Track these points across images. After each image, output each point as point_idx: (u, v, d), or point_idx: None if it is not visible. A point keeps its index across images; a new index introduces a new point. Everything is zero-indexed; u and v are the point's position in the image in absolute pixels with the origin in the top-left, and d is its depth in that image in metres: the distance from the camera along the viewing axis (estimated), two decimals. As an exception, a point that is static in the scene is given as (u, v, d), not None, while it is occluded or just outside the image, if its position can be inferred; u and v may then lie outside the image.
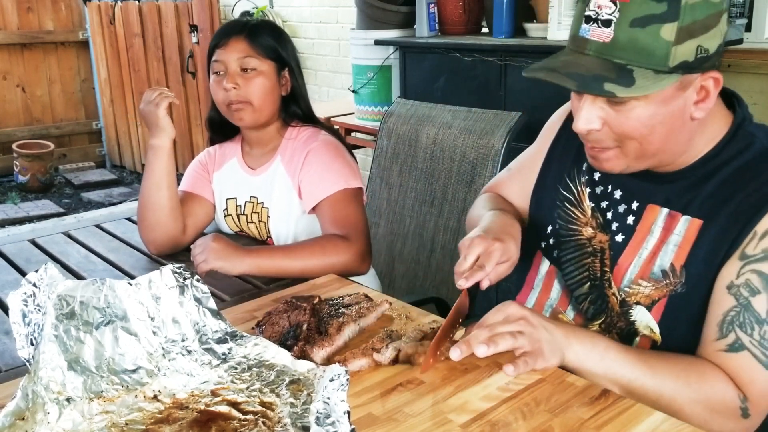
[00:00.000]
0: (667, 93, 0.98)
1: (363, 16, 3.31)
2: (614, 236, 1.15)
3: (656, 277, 1.09)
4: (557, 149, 1.29)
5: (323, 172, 1.63)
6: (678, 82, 0.98)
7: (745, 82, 2.78)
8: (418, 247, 2.11)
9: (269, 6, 4.82)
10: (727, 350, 0.99)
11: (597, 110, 1.02)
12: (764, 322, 0.97)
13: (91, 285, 0.97)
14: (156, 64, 5.56)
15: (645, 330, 1.11)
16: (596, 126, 1.03)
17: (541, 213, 1.29)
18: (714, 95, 1.01)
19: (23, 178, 5.67)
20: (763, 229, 0.99)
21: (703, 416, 0.98)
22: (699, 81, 0.99)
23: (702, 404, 0.98)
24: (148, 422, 0.90)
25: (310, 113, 1.75)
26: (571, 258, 1.21)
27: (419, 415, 0.91)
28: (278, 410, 0.89)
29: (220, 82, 1.63)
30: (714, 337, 1.01)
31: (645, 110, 0.99)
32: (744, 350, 0.98)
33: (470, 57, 2.81)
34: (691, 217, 1.06)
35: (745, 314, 0.98)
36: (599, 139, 1.05)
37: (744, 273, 0.99)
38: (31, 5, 5.98)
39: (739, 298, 0.99)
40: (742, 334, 0.98)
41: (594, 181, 1.21)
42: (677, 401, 0.98)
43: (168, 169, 1.61)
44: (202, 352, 1.00)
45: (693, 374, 0.99)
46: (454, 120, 2.08)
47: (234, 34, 1.62)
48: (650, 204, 1.12)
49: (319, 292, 1.30)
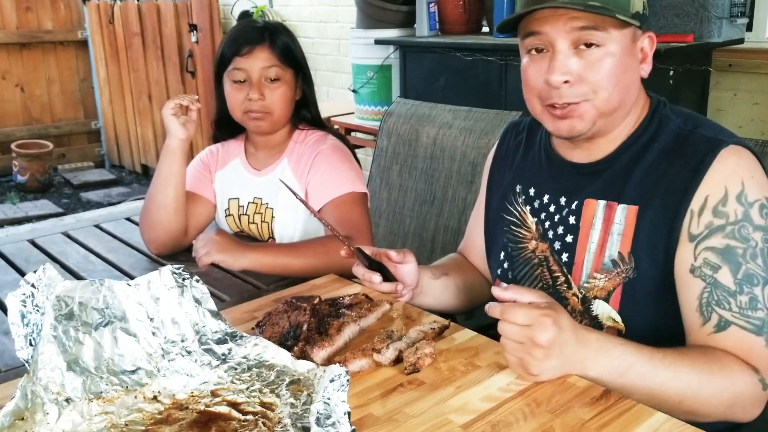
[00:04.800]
0: (626, 43, 1.08)
1: (363, 16, 3.31)
2: (558, 240, 1.19)
3: (608, 268, 1.13)
4: (493, 182, 1.37)
5: (331, 174, 1.63)
6: (632, 34, 1.08)
7: (745, 81, 2.78)
8: (418, 247, 2.11)
9: (269, 5, 4.82)
10: (715, 332, 1.02)
11: (570, 62, 1.07)
12: (735, 292, 1.01)
13: (90, 286, 0.97)
14: (155, 63, 5.55)
15: (608, 321, 1.14)
16: (571, 78, 1.07)
17: (494, 243, 1.34)
18: (651, 55, 1.12)
19: (22, 178, 5.66)
20: (698, 206, 1.04)
21: (727, 404, 0.98)
22: (641, 40, 1.11)
23: (726, 393, 0.98)
24: (148, 423, 0.90)
25: (318, 117, 1.76)
26: (524, 274, 1.25)
27: (420, 416, 0.91)
28: (278, 411, 0.89)
29: (242, 90, 1.62)
30: (699, 324, 1.03)
31: (613, 58, 1.07)
32: (731, 326, 1.01)
33: (471, 56, 2.80)
34: (627, 204, 1.12)
35: (716, 292, 1.02)
36: (571, 94, 1.08)
37: (699, 254, 1.03)
38: (30, 5, 5.97)
39: (705, 278, 1.03)
40: (722, 312, 1.01)
41: (531, 197, 1.26)
42: (701, 397, 0.97)
43: (174, 169, 1.61)
44: (202, 353, 0.99)
45: (715, 365, 0.98)
46: (455, 120, 2.08)
47: (257, 42, 1.61)
48: (587, 199, 1.16)
49: (319, 292, 1.30)
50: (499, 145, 1.39)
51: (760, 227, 1.02)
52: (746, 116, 2.80)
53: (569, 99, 1.08)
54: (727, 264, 1.02)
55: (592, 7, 1.03)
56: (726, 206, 1.03)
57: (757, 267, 1.01)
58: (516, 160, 1.32)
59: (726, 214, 1.02)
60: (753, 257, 1.01)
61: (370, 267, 1.17)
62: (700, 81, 2.71)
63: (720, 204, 1.03)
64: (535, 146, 1.29)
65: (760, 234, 1.02)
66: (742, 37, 2.65)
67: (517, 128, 1.36)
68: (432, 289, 1.30)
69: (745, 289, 1.01)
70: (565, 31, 1.05)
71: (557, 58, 1.07)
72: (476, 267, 1.43)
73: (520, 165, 1.31)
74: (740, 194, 1.03)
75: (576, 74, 1.07)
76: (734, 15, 2.54)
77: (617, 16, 1.03)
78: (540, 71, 1.09)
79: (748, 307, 1.00)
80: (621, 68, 1.07)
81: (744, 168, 1.04)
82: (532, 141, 1.30)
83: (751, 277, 1.01)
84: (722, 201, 1.03)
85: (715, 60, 2.74)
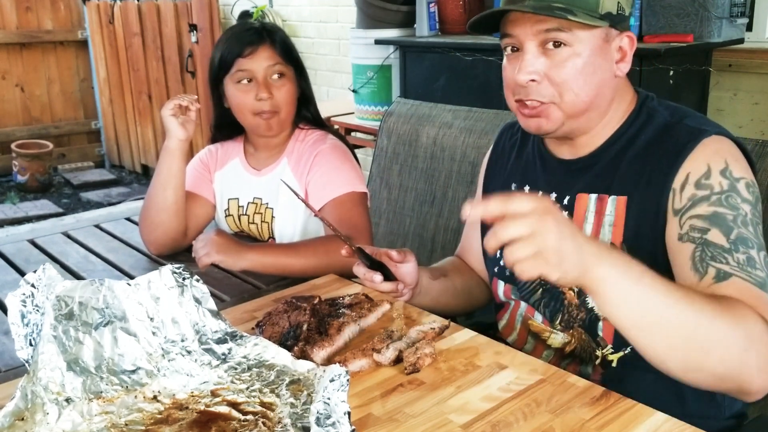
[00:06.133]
0: (596, 43, 1.08)
1: (363, 16, 3.31)
2: None
3: None
4: (489, 184, 1.37)
5: (331, 174, 1.63)
6: (605, 34, 1.09)
7: (745, 81, 2.78)
8: (418, 247, 2.11)
9: (269, 5, 4.82)
10: (716, 282, 0.96)
11: (537, 63, 1.09)
12: (731, 250, 0.97)
13: (90, 285, 0.97)
14: (155, 63, 5.55)
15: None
16: (536, 77, 1.09)
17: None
18: (630, 55, 1.12)
19: (22, 178, 5.66)
20: (679, 183, 1.05)
21: (742, 346, 0.88)
22: (618, 40, 1.11)
23: (740, 329, 0.88)
24: (148, 423, 0.90)
25: (318, 116, 1.76)
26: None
27: (420, 416, 0.91)
28: (278, 410, 0.89)
29: (248, 91, 1.61)
30: (696, 280, 0.98)
31: (580, 59, 1.08)
32: (731, 276, 0.95)
33: (471, 56, 2.80)
34: (616, 196, 1.13)
35: (708, 249, 0.99)
36: (538, 93, 1.10)
37: (685, 223, 1.03)
38: (30, 4, 5.97)
39: (694, 240, 1.01)
40: (720, 265, 0.97)
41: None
42: (715, 327, 0.87)
43: (174, 170, 1.61)
44: (202, 353, 0.99)
45: (724, 302, 0.90)
46: (455, 120, 2.08)
47: (258, 42, 1.61)
48: (579, 194, 1.18)
49: (319, 292, 1.30)
50: (494, 147, 1.39)
51: (747, 200, 1.01)
52: (746, 116, 2.80)
53: (536, 97, 1.11)
54: (717, 227, 0.99)
55: (547, 9, 1.04)
56: (710, 179, 1.02)
57: (750, 233, 0.98)
58: (511, 161, 1.33)
59: (710, 186, 1.02)
60: (744, 224, 0.99)
61: (371, 267, 1.18)
62: (700, 81, 2.71)
63: (703, 178, 1.03)
64: (528, 145, 1.30)
65: (748, 206, 1.00)
66: (742, 37, 2.65)
67: (512, 129, 1.37)
68: (431, 290, 1.30)
69: (740, 249, 0.96)
70: (532, 33, 1.08)
71: (524, 59, 1.10)
72: (474, 269, 1.43)
73: (514, 164, 1.32)
74: (725, 170, 1.02)
75: (542, 74, 1.09)
76: (734, 15, 2.54)
77: (570, 18, 1.03)
78: (513, 70, 1.12)
79: (746, 264, 0.95)
80: (590, 68, 1.08)
81: (727, 152, 1.05)
82: (526, 141, 1.31)
83: (745, 239, 0.97)
84: (705, 175, 1.03)
85: (715, 60, 2.74)
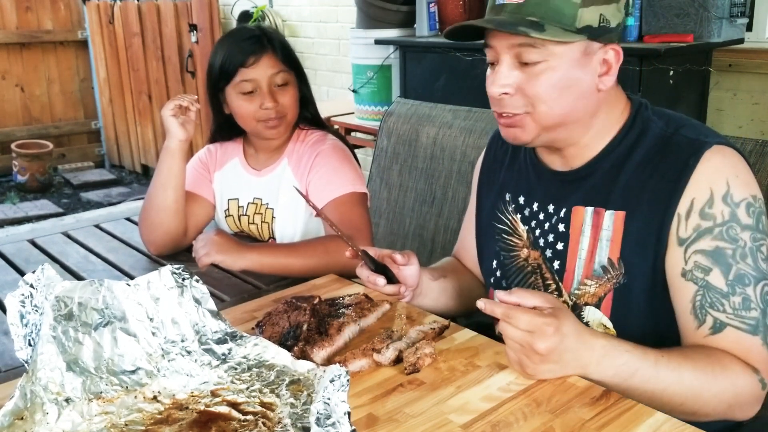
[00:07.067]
0: (574, 56, 1.06)
1: (363, 16, 3.31)
2: (550, 248, 1.19)
3: (598, 274, 1.13)
4: (483, 190, 1.37)
5: (331, 174, 1.63)
6: (584, 47, 1.06)
7: (745, 81, 2.78)
8: (418, 247, 2.11)
9: (269, 5, 4.82)
10: (712, 334, 1.02)
11: (511, 76, 1.08)
12: (728, 294, 1.01)
13: (90, 286, 0.97)
14: (155, 63, 5.55)
15: (599, 327, 1.14)
16: (509, 90, 1.08)
17: (486, 251, 1.34)
18: (615, 68, 1.10)
19: (22, 178, 5.66)
20: (685, 209, 1.04)
21: (727, 404, 0.99)
22: (601, 53, 1.08)
23: (728, 393, 0.99)
24: (148, 423, 0.90)
25: (317, 116, 1.76)
26: (517, 282, 1.25)
27: (420, 416, 0.91)
28: (278, 411, 0.89)
29: (253, 100, 1.61)
30: (694, 327, 1.04)
31: (555, 73, 1.06)
32: (726, 327, 1.01)
33: (471, 56, 2.80)
34: (614, 210, 1.12)
35: (709, 294, 1.02)
36: (512, 105, 1.09)
37: (690, 257, 1.04)
38: (30, 4, 5.97)
39: (697, 281, 1.03)
40: (717, 314, 1.02)
41: (521, 205, 1.26)
42: (703, 399, 0.98)
43: (174, 170, 1.60)
44: (202, 353, 0.99)
45: (717, 366, 0.99)
46: (455, 120, 2.08)
47: (261, 50, 1.59)
48: (575, 206, 1.17)
49: (319, 292, 1.30)
50: (486, 152, 1.39)
51: (747, 226, 1.02)
52: (746, 116, 2.80)
53: (510, 109, 1.10)
54: (718, 266, 1.02)
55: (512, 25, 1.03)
56: (713, 208, 1.03)
57: (748, 266, 1.01)
58: (503, 168, 1.32)
59: (713, 216, 1.03)
60: (743, 257, 1.01)
61: (375, 269, 1.17)
62: (700, 81, 2.71)
63: (706, 206, 1.03)
64: (520, 155, 1.29)
65: (748, 233, 1.02)
66: (742, 37, 2.65)
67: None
68: (431, 291, 1.30)
69: (737, 290, 1.01)
70: (507, 46, 1.08)
71: (498, 71, 1.09)
72: (470, 270, 1.43)
73: (507, 173, 1.31)
74: (726, 195, 1.03)
75: (515, 87, 1.08)
76: (734, 15, 2.54)
77: (535, 35, 1.01)
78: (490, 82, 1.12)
79: (741, 307, 1.01)
80: (565, 82, 1.06)
81: (728, 167, 1.04)
82: (518, 149, 1.29)
83: (742, 277, 1.01)
84: (708, 203, 1.03)
85: (715, 60, 2.74)
